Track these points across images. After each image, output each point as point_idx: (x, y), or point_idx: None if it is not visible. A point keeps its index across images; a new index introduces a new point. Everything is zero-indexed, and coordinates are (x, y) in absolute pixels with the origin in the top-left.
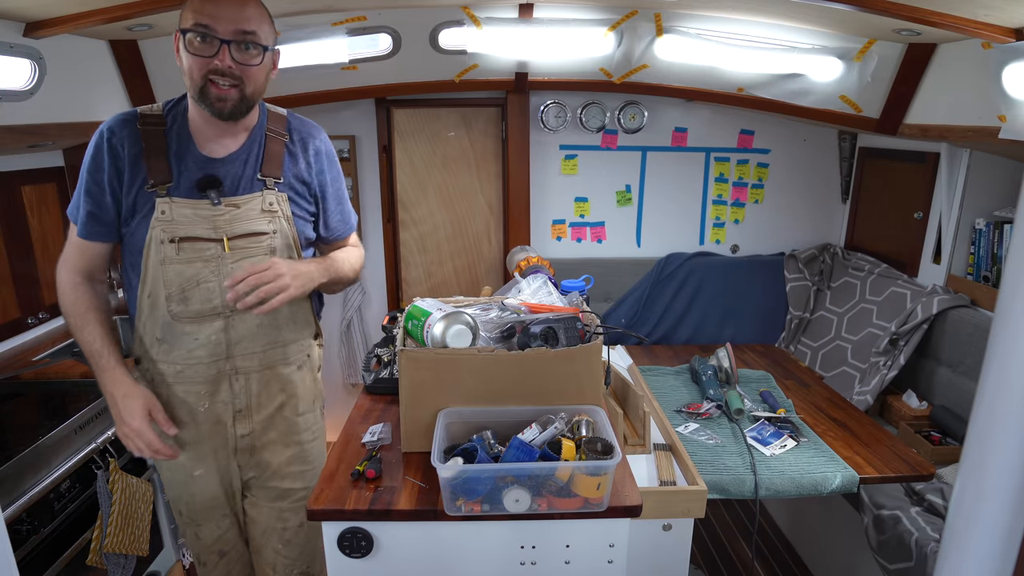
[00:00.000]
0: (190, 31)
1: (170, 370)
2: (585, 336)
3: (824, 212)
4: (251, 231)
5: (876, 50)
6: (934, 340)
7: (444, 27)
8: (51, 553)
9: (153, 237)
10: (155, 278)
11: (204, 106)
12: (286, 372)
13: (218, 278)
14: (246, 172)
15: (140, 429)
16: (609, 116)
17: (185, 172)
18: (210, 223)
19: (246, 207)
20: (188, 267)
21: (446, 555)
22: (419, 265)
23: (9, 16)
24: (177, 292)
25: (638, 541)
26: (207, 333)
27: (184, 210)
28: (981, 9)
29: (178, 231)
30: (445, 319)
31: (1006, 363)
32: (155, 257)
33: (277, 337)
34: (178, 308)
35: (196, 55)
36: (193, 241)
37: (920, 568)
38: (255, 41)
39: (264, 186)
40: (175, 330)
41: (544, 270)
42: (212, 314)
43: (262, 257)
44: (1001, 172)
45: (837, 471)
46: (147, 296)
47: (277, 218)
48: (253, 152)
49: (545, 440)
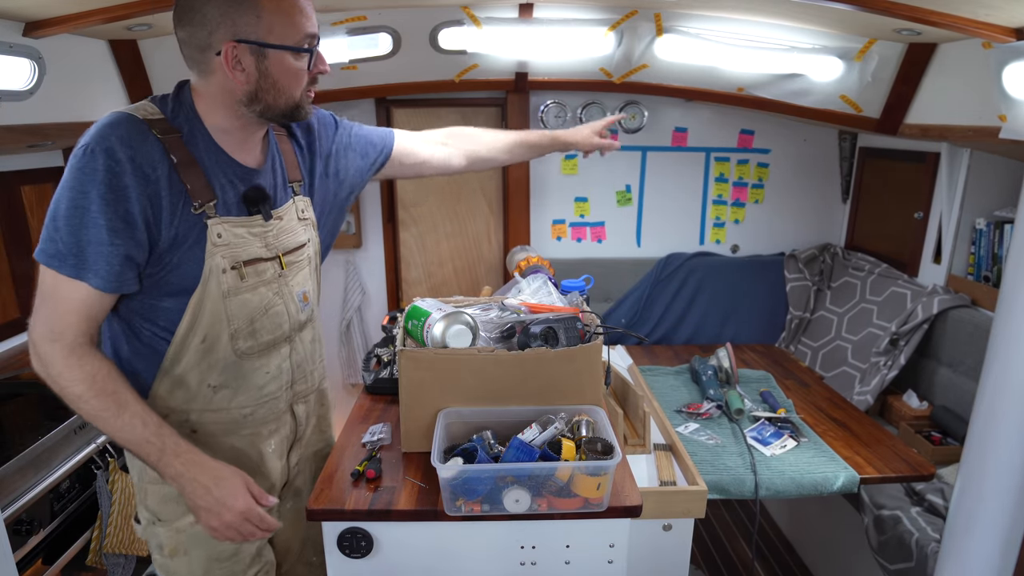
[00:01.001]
0: (299, 49)
1: (233, 417)
2: (585, 336)
3: (824, 212)
4: (297, 244)
5: (876, 50)
6: (934, 340)
7: (444, 27)
8: (51, 553)
9: (213, 268)
10: (215, 316)
11: (290, 119)
12: (325, 387)
13: (283, 300)
14: (277, 180)
15: (250, 507)
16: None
17: (228, 186)
18: (262, 241)
19: (287, 218)
20: (254, 295)
21: (446, 555)
22: (419, 265)
23: (9, 16)
24: (245, 326)
25: (638, 541)
26: (277, 362)
27: (238, 230)
28: (982, 9)
29: (240, 255)
30: (445, 319)
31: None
32: (216, 291)
33: (321, 349)
34: (246, 344)
35: (303, 68)
36: (255, 264)
37: (920, 568)
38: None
39: (293, 192)
40: (242, 370)
41: (544, 270)
42: (282, 339)
43: (307, 270)
44: (1001, 172)
45: (837, 471)
46: (200, 341)
47: (308, 226)
48: (276, 157)
49: (545, 440)
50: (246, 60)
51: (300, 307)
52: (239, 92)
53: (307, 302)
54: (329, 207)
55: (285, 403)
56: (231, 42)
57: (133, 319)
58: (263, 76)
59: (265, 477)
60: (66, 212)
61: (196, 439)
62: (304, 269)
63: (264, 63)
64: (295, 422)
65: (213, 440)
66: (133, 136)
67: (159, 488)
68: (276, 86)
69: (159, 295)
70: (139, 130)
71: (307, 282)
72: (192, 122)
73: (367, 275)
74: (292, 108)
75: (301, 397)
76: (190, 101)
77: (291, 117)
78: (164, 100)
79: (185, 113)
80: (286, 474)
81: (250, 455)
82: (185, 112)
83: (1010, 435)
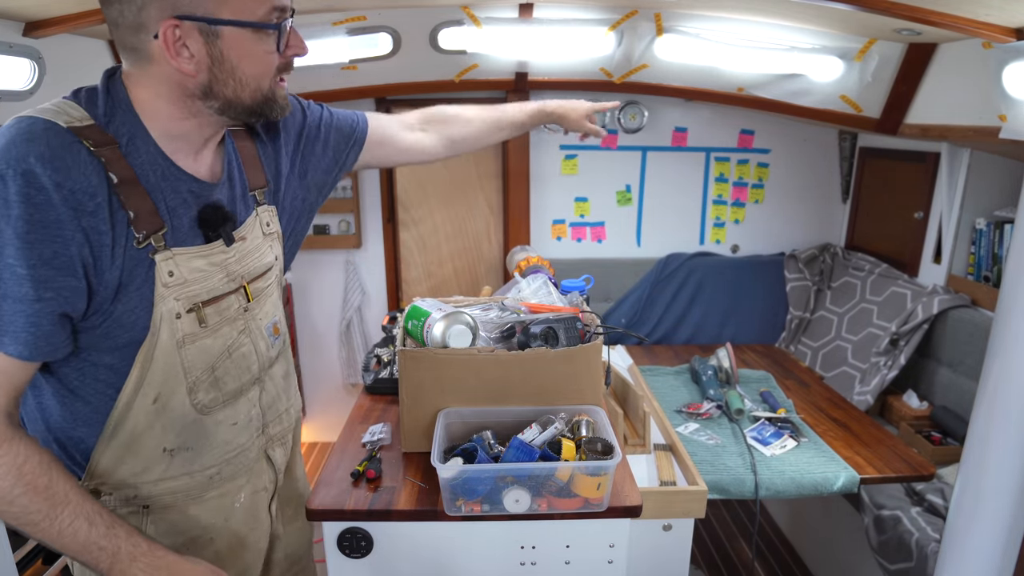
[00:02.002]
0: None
1: (197, 482)
2: (585, 336)
3: (824, 212)
4: (263, 267)
5: (876, 50)
6: (934, 340)
7: (444, 27)
8: (51, 553)
9: (164, 314)
10: (169, 370)
11: (260, 116)
12: (298, 426)
13: (250, 338)
14: (236, 191)
15: None
16: (609, 116)
17: (180, 208)
18: (223, 271)
19: (251, 237)
20: (215, 339)
21: (446, 555)
22: (419, 265)
23: (8, 16)
24: (204, 376)
25: (638, 541)
26: (245, 410)
27: (195, 262)
28: (982, 9)
29: (198, 294)
30: (445, 319)
31: (1006, 363)
32: (169, 340)
33: (294, 379)
34: (208, 396)
35: (270, 50)
36: (216, 301)
37: (921, 568)
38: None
39: (255, 201)
40: (204, 427)
41: (544, 270)
42: (250, 384)
43: (275, 295)
44: (1001, 172)
45: (837, 471)
46: (152, 402)
47: (275, 240)
48: (234, 161)
49: (545, 440)
50: (193, 42)
51: (270, 342)
52: (189, 85)
53: (278, 334)
54: (298, 214)
55: (257, 451)
56: (170, 19)
57: (69, 378)
58: (216, 63)
59: (228, 537)
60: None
61: (152, 508)
62: (272, 295)
63: (217, 45)
64: (273, 470)
65: (170, 514)
66: (58, 153)
67: None
68: (235, 75)
69: (99, 351)
70: (65, 143)
71: (276, 310)
72: (132, 126)
73: (367, 275)
74: (260, 102)
75: (277, 441)
76: (126, 98)
77: (261, 114)
78: (92, 97)
79: (122, 114)
80: (268, 525)
81: (216, 526)
82: (122, 113)
83: (1010, 435)
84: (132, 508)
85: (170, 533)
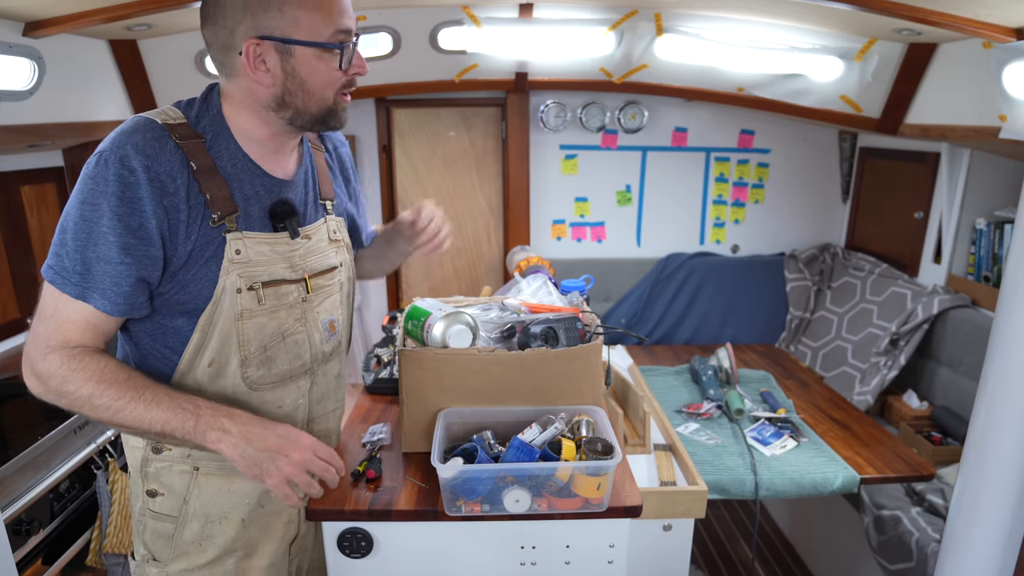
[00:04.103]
0: (328, 45)
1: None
2: (585, 336)
3: (824, 212)
4: (326, 266)
5: (876, 50)
6: (935, 340)
7: (444, 27)
8: (51, 553)
9: (227, 286)
10: (226, 338)
11: (324, 126)
12: (338, 434)
13: (306, 328)
14: (308, 196)
15: (315, 440)
16: (609, 116)
17: (253, 198)
18: (287, 261)
19: (316, 238)
20: (271, 319)
21: (446, 555)
22: (419, 265)
23: (9, 16)
24: (257, 352)
25: (638, 541)
26: (293, 397)
27: (261, 247)
28: (982, 9)
29: (259, 275)
30: (445, 319)
31: (1006, 363)
32: (229, 311)
33: (343, 386)
34: (257, 373)
35: (334, 68)
36: (276, 285)
37: (921, 568)
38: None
39: (325, 210)
40: (252, 404)
41: (544, 270)
42: (300, 372)
43: (337, 296)
44: (1001, 172)
45: (837, 471)
46: (208, 364)
47: (342, 248)
48: (309, 171)
49: (545, 440)
50: (270, 59)
51: (325, 336)
52: (265, 95)
53: (334, 332)
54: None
55: None
56: (253, 39)
57: (141, 339)
58: (289, 77)
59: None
60: (74, 226)
61: (196, 480)
62: (334, 295)
63: (290, 62)
64: None
65: (214, 482)
66: (150, 143)
67: (156, 523)
68: (304, 88)
69: (170, 315)
70: (157, 136)
71: (336, 309)
72: (218, 127)
73: None
74: (325, 113)
75: (322, 437)
76: (217, 105)
77: (325, 124)
78: (190, 104)
79: (211, 117)
80: (296, 526)
81: (251, 506)
82: (211, 116)
83: (1010, 435)
84: (186, 467)
85: (209, 504)
